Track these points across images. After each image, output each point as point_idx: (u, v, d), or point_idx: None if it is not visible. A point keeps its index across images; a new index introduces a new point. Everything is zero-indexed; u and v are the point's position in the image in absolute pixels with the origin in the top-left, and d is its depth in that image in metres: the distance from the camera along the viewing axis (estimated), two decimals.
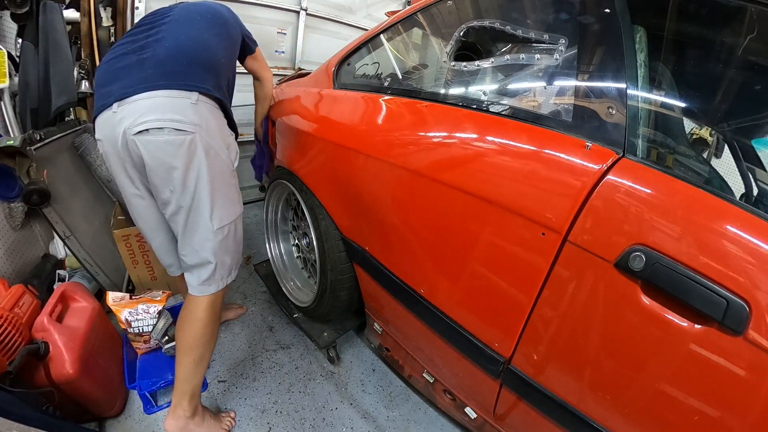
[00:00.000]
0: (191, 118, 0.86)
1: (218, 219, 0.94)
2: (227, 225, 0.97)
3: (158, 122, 0.83)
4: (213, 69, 0.97)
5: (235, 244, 1.04)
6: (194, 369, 1.02)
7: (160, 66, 0.88)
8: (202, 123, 0.88)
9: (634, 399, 0.65)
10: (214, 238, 0.96)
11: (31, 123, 1.45)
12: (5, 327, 0.92)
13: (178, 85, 0.87)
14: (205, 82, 0.92)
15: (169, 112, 0.84)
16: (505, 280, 0.79)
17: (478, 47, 1.08)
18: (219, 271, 1.00)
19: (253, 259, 2.03)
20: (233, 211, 1.00)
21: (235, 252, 1.05)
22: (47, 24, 1.43)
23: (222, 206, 0.95)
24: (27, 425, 0.72)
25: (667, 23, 0.80)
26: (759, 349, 0.52)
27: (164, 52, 0.91)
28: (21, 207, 1.34)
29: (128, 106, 0.85)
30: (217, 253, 0.97)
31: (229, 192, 0.99)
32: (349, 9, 2.62)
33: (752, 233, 0.54)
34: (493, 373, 0.86)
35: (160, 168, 0.87)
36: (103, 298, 1.28)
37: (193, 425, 1.06)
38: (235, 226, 1.01)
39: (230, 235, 1.00)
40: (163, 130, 0.84)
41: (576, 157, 0.69)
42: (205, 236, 0.95)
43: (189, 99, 0.87)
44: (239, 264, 1.09)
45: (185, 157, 0.86)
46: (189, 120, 0.85)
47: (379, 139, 1.04)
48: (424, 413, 1.37)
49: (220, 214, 0.95)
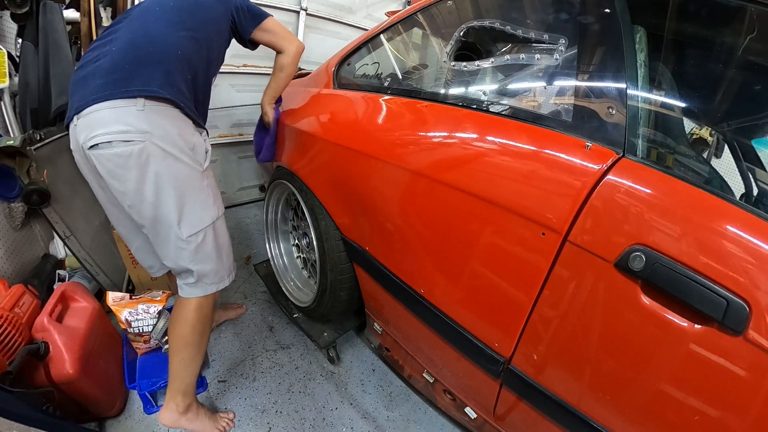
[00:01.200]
0: (139, 126, 0.81)
1: (188, 226, 0.90)
2: (201, 231, 0.92)
3: (105, 136, 0.81)
4: (164, 65, 0.88)
5: (215, 250, 0.98)
6: (185, 368, 1.03)
7: (105, 75, 0.85)
8: (152, 129, 0.82)
9: (635, 399, 0.65)
10: (188, 247, 0.91)
11: (31, 123, 1.45)
12: (5, 327, 0.92)
13: (120, 94, 0.82)
14: (149, 83, 0.84)
15: (113, 124, 0.81)
16: (506, 280, 0.79)
17: (478, 47, 1.08)
18: (203, 277, 0.97)
19: (253, 259, 2.03)
20: (206, 215, 0.93)
21: (218, 257, 0.99)
22: (47, 24, 1.43)
23: (191, 212, 0.90)
24: (27, 425, 0.72)
25: (667, 23, 0.80)
26: (759, 349, 0.52)
27: (110, 58, 0.87)
28: (21, 207, 1.34)
29: (83, 120, 0.83)
30: (194, 260, 0.94)
31: (199, 196, 0.92)
32: (349, 9, 2.62)
33: (752, 233, 0.54)
34: (493, 373, 0.86)
35: (114, 181, 0.85)
36: (103, 298, 1.28)
37: (185, 421, 1.08)
38: (213, 230, 0.95)
39: (207, 241, 0.94)
40: (111, 144, 0.81)
41: (576, 157, 0.69)
42: (177, 245, 0.91)
43: (135, 106, 0.82)
44: (232, 268, 1.06)
45: (137, 168, 0.83)
46: (136, 128, 0.81)
47: (379, 139, 1.04)
48: (424, 413, 1.37)
49: (190, 220, 0.90)
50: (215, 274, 1.00)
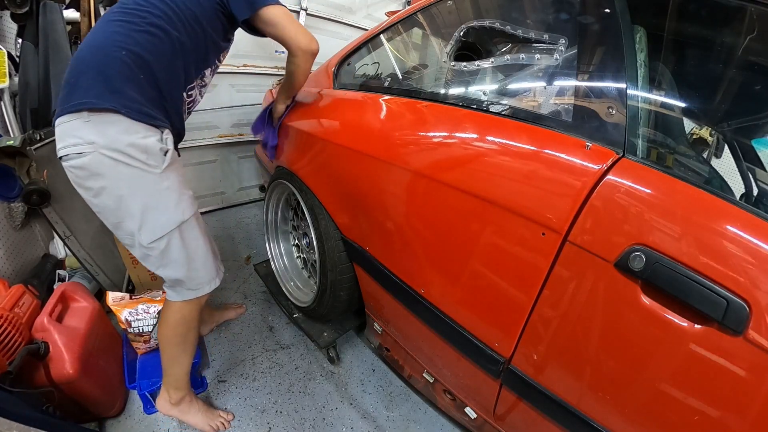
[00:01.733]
0: (87, 137, 0.81)
1: (148, 232, 0.87)
2: (164, 237, 0.88)
3: (63, 150, 0.83)
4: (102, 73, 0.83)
5: (184, 256, 0.92)
6: (171, 365, 1.06)
7: (61, 89, 0.86)
8: (99, 139, 0.81)
9: (635, 399, 0.65)
10: (152, 253, 0.89)
11: (31, 123, 1.45)
12: (5, 327, 0.92)
13: (68, 109, 0.82)
14: (87, 94, 0.81)
15: (67, 137, 0.82)
16: (506, 280, 0.79)
17: (478, 47, 1.08)
18: (176, 284, 0.95)
19: (253, 259, 2.03)
20: (168, 219, 0.88)
21: (188, 264, 0.93)
22: (47, 24, 1.43)
23: (151, 218, 0.86)
24: (27, 425, 0.72)
25: (667, 23, 0.80)
26: (759, 349, 0.52)
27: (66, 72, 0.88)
28: (21, 207, 1.34)
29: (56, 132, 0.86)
30: (161, 267, 0.91)
31: (159, 199, 0.87)
32: (349, 9, 2.62)
33: (752, 233, 0.54)
34: (493, 373, 0.86)
35: (80, 190, 0.87)
36: (103, 298, 1.28)
37: (177, 412, 1.13)
38: (179, 236, 0.90)
39: (172, 247, 0.90)
40: (68, 156, 0.83)
41: (576, 157, 0.69)
42: (141, 252, 0.90)
43: (80, 118, 0.82)
44: (215, 274, 1.01)
45: (92, 179, 0.83)
46: (85, 140, 0.81)
47: (379, 139, 1.04)
48: (424, 413, 1.37)
49: (150, 226, 0.87)
50: (190, 281, 0.95)
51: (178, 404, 1.11)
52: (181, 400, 1.12)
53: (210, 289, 1.00)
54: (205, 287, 0.99)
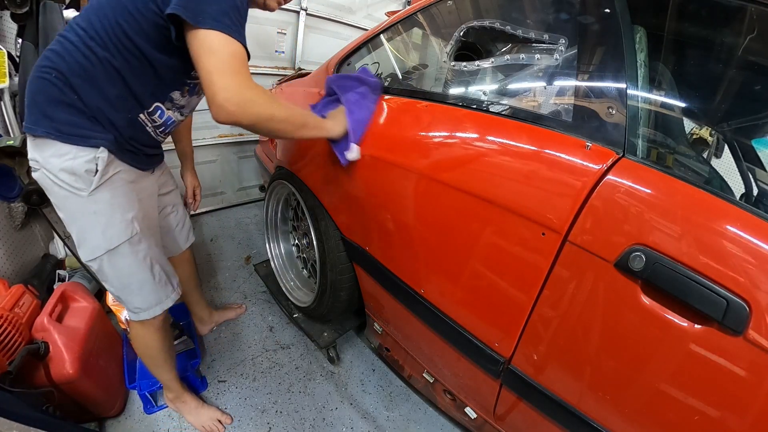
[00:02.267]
0: (34, 156, 0.84)
1: (84, 251, 0.88)
2: (96, 259, 0.88)
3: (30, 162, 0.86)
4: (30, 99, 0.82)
5: (116, 282, 0.92)
6: (153, 371, 1.12)
7: None
8: (40, 159, 0.82)
9: (634, 399, 0.65)
10: (92, 268, 0.91)
11: None
12: (5, 327, 0.92)
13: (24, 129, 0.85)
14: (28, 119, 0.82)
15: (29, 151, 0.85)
16: (506, 280, 0.79)
17: (478, 47, 1.08)
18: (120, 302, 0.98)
19: (253, 259, 2.03)
20: (96, 245, 0.87)
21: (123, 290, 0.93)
22: (47, 24, 1.43)
23: (83, 238, 0.87)
24: (27, 425, 0.72)
25: (667, 23, 0.80)
26: (759, 349, 0.52)
27: None
28: (21, 207, 1.34)
29: None
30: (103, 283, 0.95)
31: (86, 223, 0.85)
32: (349, 9, 2.62)
33: (752, 233, 0.54)
34: (493, 373, 0.86)
35: None
36: (103, 298, 1.28)
37: (173, 406, 1.22)
38: (109, 263, 0.88)
39: (104, 271, 0.90)
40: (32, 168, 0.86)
41: (576, 157, 0.69)
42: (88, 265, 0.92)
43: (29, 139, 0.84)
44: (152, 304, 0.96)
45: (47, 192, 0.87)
46: (33, 158, 0.84)
47: (379, 138, 1.04)
48: (424, 413, 1.37)
49: (85, 247, 0.88)
50: (127, 304, 0.96)
51: (173, 402, 1.20)
52: (176, 399, 1.19)
53: (149, 316, 0.97)
54: (142, 314, 0.96)
